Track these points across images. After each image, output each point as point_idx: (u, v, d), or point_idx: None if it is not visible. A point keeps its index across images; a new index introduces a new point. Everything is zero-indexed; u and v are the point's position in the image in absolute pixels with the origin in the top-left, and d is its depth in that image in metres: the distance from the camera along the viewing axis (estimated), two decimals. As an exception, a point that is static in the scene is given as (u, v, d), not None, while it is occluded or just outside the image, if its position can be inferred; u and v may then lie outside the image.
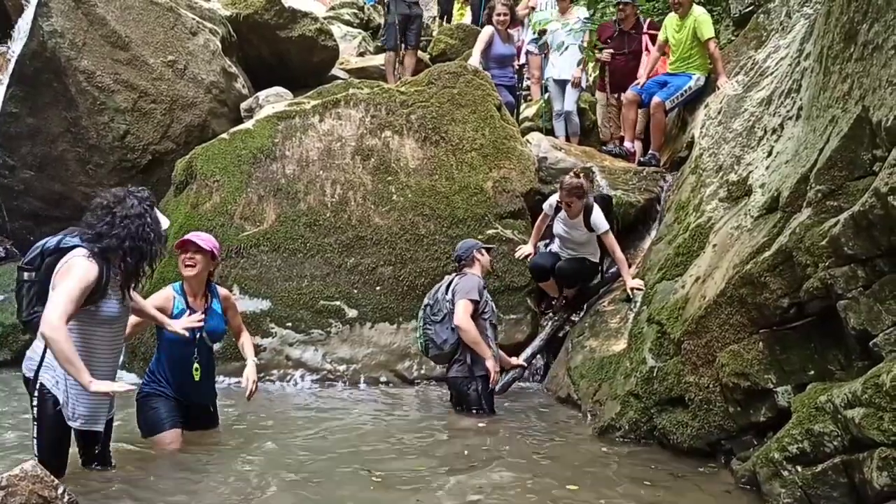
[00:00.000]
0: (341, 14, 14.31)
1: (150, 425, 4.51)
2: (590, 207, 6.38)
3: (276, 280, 6.73)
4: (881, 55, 3.44)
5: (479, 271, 5.81)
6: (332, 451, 4.60)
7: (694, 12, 7.69)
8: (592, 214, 6.36)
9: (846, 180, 3.64)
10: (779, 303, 3.88)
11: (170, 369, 4.59)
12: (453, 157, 7.35)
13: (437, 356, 5.79)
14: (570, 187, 6.31)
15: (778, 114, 5.10)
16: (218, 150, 7.32)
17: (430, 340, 5.70)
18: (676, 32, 7.83)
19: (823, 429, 3.32)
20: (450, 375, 5.73)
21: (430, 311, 5.73)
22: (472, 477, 4.06)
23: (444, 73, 7.90)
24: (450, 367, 5.71)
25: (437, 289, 5.83)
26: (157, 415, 4.50)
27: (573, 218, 6.46)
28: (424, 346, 5.79)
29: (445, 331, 5.62)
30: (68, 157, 8.28)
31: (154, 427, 4.49)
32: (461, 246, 5.98)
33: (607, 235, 6.40)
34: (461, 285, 5.64)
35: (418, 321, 5.86)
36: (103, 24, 8.20)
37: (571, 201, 6.33)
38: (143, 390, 4.59)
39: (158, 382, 4.57)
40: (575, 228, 6.51)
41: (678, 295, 4.93)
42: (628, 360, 5.16)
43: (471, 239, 6.23)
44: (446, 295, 5.70)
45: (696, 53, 7.72)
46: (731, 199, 5.15)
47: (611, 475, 4.22)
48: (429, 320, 5.73)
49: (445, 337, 5.63)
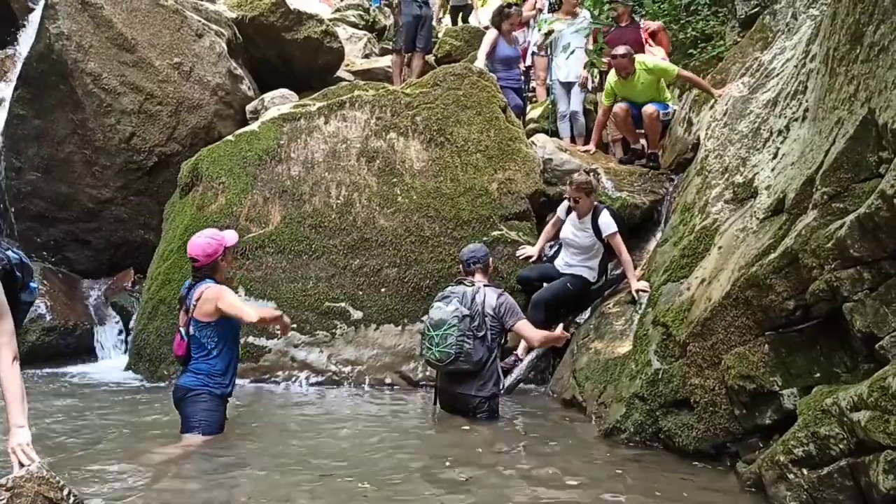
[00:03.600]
0: (347, 16, 14.34)
1: (220, 425, 4.73)
2: (598, 209, 6.53)
3: (281, 281, 6.74)
4: (887, 57, 3.43)
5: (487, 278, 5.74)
6: (333, 454, 4.59)
7: (641, 65, 7.63)
8: (601, 216, 6.48)
9: (852, 182, 3.63)
10: (784, 305, 3.87)
11: (234, 368, 4.84)
12: (458, 158, 7.36)
13: (459, 370, 5.34)
14: (579, 183, 6.49)
15: (784, 115, 5.08)
16: (223, 152, 7.34)
17: (466, 354, 5.26)
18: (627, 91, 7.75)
19: (829, 432, 3.30)
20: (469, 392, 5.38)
21: (472, 324, 5.30)
22: (474, 481, 4.04)
23: (450, 75, 7.90)
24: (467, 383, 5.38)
25: (464, 297, 5.40)
26: (223, 417, 4.77)
27: (581, 217, 6.54)
28: (452, 356, 5.26)
29: (483, 348, 5.33)
30: (75, 158, 8.32)
31: (220, 428, 4.72)
32: (474, 251, 5.80)
33: (615, 237, 6.44)
34: (507, 305, 5.45)
35: (446, 329, 5.28)
36: (110, 26, 8.24)
37: (580, 197, 6.47)
38: (221, 391, 4.72)
39: (230, 384, 4.79)
40: (583, 230, 6.55)
41: (683, 297, 4.92)
42: (633, 362, 5.14)
43: (478, 244, 6.12)
44: (482, 308, 5.40)
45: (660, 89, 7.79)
46: (737, 201, 5.14)
47: (616, 477, 4.21)
48: (469, 333, 5.29)
49: (481, 355, 5.32)
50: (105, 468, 4.08)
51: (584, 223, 6.55)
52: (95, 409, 5.57)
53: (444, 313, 5.35)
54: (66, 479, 3.19)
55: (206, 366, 4.67)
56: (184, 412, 4.69)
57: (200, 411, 4.64)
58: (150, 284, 7.15)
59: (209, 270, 4.70)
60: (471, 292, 5.46)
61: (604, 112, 8.07)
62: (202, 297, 4.59)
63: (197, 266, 4.71)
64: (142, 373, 6.79)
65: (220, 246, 4.72)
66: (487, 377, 5.40)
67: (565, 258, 6.71)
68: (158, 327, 6.69)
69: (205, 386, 4.66)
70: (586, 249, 6.61)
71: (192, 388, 4.66)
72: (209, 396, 4.67)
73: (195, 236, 4.81)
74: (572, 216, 6.65)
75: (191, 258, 4.74)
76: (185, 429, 4.67)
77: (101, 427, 5.07)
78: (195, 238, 4.78)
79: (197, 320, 4.64)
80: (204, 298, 4.58)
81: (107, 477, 3.92)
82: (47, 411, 5.36)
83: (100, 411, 5.52)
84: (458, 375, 5.40)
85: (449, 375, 5.46)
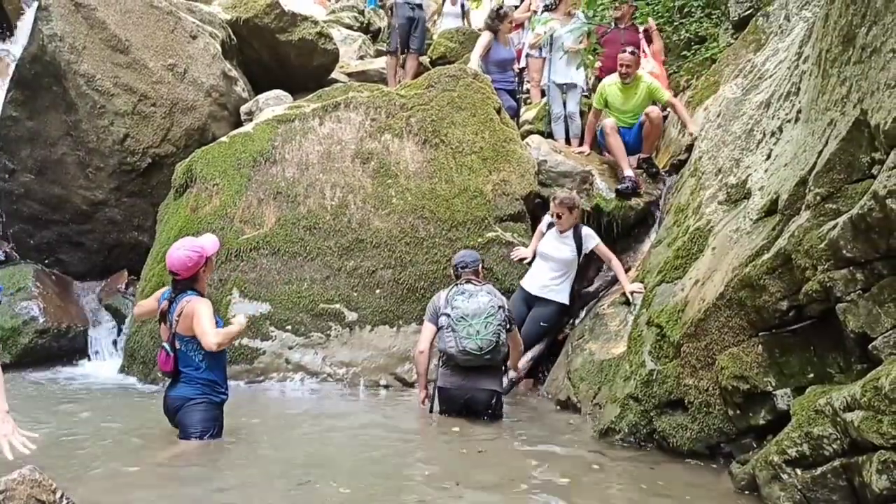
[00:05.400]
0: (341, 17, 14.35)
1: (221, 431, 4.66)
2: (579, 226, 6.69)
3: (275, 283, 6.73)
4: (879, 58, 3.44)
5: None
6: (329, 456, 4.59)
7: (643, 80, 7.57)
8: (582, 230, 6.66)
9: (845, 183, 3.64)
10: (778, 305, 3.88)
11: (225, 372, 4.78)
12: (453, 160, 7.36)
13: (492, 361, 5.43)
14: (563, 199, 6.63)
15: (777, 117, 5.09)
16: (218, 154, 7.33)
17: (502, 344, 5.41)
18: (622, 102, 7.64)
19: (823, 432, 3.31)
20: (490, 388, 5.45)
21: (504, 315, 5.44)
22: (468, 482, 4.03)
23: (444, 77, 7.90)
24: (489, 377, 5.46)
25: (491, 290, 5.56)
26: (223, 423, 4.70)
27: (563, 232, 6.61)
28: (494, 344, 5.33)
29: (506, 343, 5.50)
30: (68, 160, 8.28)
31: (221, 433, 4.66)
32: (465, 255, 5.88)
33: (599, 246, 6.66)
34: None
35: (487, 318, 5.33)
36: (103, 27, 8.21)
37: (562, 212, 6.56)
38: (220, 398, 4.66)
39: (226, 389, 4.73)
40: (564, 244, 6.59)
41: (677, 298, 4.93)
42: (628, 362, 5.15)
43: (469, 250, 6.18)
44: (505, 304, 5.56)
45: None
46: (731, 202, 5.15)
47: (610, 478, 4.21)
48: (503, 324, 5.42)
49: (506, 349, 5.54)
50: (98, 471, 4.07)
51: (565, 237, 6.62)
52: (88, 412, 5.55)
53: (481, 303, 5.39)
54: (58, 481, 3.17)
55: (199, 376, 4.56)
56: (183, 421, 4.57)
57: (202, 420, 4.55)
58: (143, 286, 7.13)
59: (190, 282, 4.58)
60: (488, 288, 5.59)
61: (594, 114, 8.03)
62: (183, 312, 4.46)
63: (178, 280, 4.57)
64: (135, 375, 6.77)
65: (200, 258, 4.58)
66: (502, 371, 5.59)
67: (539, 278, 6.65)
68: (152, 330, 6.65)
69: (204, 395, 4.57)
70: (565, 265, 6.61)
71: (191, 398, 4.55)
72: (209, 405, 4.59)
73: (173, 248, 4.63)
74: (553, 231, 6.70)
75: (170, 271, 4.59)
76: (186, 437, 4.55)
77: (93, 430, 5.04)
78: (174, 251, 4.60)
79: (181, 335, 4.51)
80: (185, 314, 4.46)
81: (100, 480, 3.90)
82: (40, 414, 5.33)
83: (93, 414, 5.50)
84: (483, 370, 5.43)
85: (468, 371, 5.42)
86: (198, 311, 4.41)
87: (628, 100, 7.61)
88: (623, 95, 7.63)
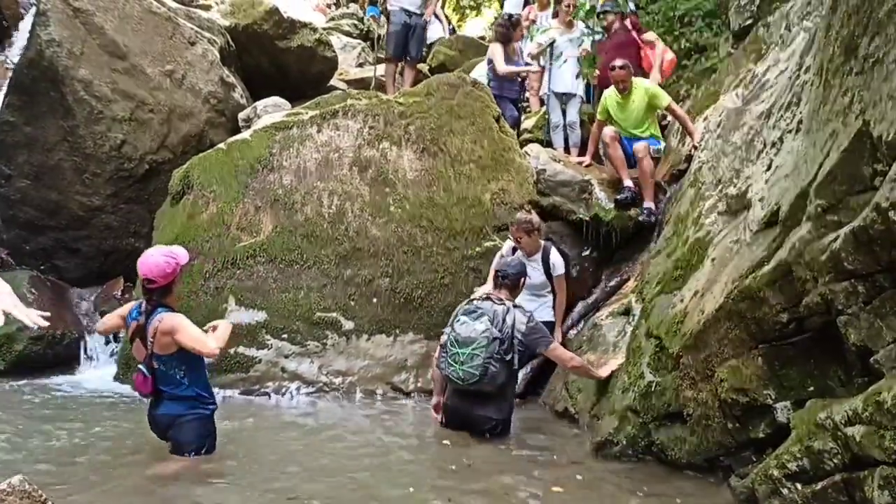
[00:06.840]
0: (341, 25, 14.39)
1: (215, 442, 4.55)
2: (547, 248, 6.50)
3: (272, 291, 6.68)
4: (882, 69, 3.41)
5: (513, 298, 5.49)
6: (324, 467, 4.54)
7: (641, 85, 7.52)
8: (551, 254, 6.47)
9: (846, 195, 3.60)
10: (778, 318, 3.84)
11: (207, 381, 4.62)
12: (451, 168, 7.33)
13: (481, 391, 5.18)
14: (520, 222, 6.43)
15: (778, 127, 5.07)
16: (215, 161, 7.30)
17: (490, 377, 5.09)
18: (622, 111, 7.58)
19: (823, 446, 3.27)
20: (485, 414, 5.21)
21: (500, 347, 5.12)
22: (464, 492, 3.99)
23: (443, 85, 7.89)
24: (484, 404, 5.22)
25: (495, 316, 5.19)
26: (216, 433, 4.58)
27: (530, 256, 6.42)
28: (477, 377, 5.09)
29: (505, 373, 5.17)
30: (65, 166, 8.25)
31: (214, 446, 4.54)
32: (507, 265, 5.59)
33: (560, 279, 6.48)
34: (538, 329, 5.28)
35: (474, 349, 5.10)
36: (101, 33, 8.19)
37: (521, 237, 6.39)
38: (210, 409, 4.53)
39: (213, 399, 4.60)
40: (533, 268, 6.36)
41: (677, 309, 4.89)
42: (626, 374, 5.12)
43: (516, 259, 5.93)
44: (511, 332, 5.18)
45: (650, 120, 7.61)
46: (731, 213, 5.12)
47: (606, 490, 4.17)
48: (497, 356, 5.11)
49: (503, 380, 5.18)
50: (89, 482, 4.02)
51: (534, 261, 6.43)
52: (82, 420, 5.48)
53: (474, 332, 5.16)
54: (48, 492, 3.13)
55: (183, 393, 4.39)
56: (176, 438, 4.42)
57: (197, 437, 4.42)
58: (138, 293, 7.09)
59: (163, 293, 4.36)
60: (501, 312, 5.23)
61: (598, 125, 8.01)
62: (158, 330, 4.26)
63: (152, 288, 4.33)
64: (130, 383, 6.69)
65: (177, 266, 4.38)
66: (505, 399, 5.29)
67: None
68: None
69: (193, 410, 4.42)
70: (538, 287, 6.46)
71: (181, 414, 4.39)
72: (200, 419, 4.45)
73: (146, 255, 4.42)
74: (519, 254, 6.43)
75: (145, 279, 4.33)
76: (179, 453, 4.41)
77: (86, 439, 4.98)
78: (149, 257, 4.38)
79: (158, 355, 4.32)
80: (161, 332, 4.25)
81: (91, 491, 3.86)
82: (33, 422, 5.28)
83: (86, 423, 5.43)
84: (477, 396, 5.22)
85: (465, 394, 5.26)
86: (179, 325, 4.24)
87: (627, 108, 7.60)
88: (621, 105, 7.62)
